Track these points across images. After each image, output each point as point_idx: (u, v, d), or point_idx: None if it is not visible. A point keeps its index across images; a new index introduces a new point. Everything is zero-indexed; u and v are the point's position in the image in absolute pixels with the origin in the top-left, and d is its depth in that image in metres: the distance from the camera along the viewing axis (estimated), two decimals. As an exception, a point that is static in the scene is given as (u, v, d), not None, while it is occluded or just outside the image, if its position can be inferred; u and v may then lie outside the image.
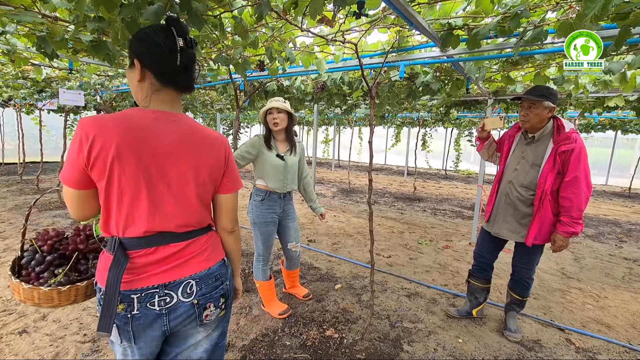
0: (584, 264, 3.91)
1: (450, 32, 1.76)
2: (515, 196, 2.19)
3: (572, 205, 1.98)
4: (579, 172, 1.96)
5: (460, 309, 2.63)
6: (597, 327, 2.58)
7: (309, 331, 2.38)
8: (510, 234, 2.24)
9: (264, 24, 1.72)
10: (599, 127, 8.74)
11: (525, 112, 2.08)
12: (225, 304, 1.08)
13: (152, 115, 0.91)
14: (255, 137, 2.37)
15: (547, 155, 2.04)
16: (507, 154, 2.30)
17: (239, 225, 1.43)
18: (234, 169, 1.07)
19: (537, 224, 2.09)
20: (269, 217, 2.40)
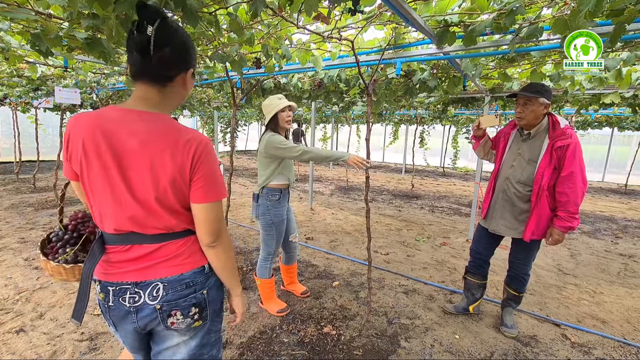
0: (580, 260, 3.94)
1: (446, 29, 1.76)
2: (513, 192, 2.20)
3: (569, 200, 2.00)
4: (575, 167, 1.99)
5: (457, 306, 2.65)
6: (592, 322, 2.61)
7: (307, 328, 2.39)
8: (507, 230, 2.25)
9: (259, 21, 1.72)
10: (596, 124, 8.77)
11: (521, 108, 2.09)
12: (200, 315, 0.99)
13: (117, 115, 0.90)
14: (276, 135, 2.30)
15: (544, 151, 2.06)
16: (503, 151, 2.30)
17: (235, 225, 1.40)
18: (206, 176, 0.92)
19: (534, 219, 2.11)
20: (284, 214, 2.46)
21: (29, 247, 3.69)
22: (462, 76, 2.87)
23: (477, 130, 2.33)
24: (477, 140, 2.39)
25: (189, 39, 0.96)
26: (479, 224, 2.49)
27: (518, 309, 2.68)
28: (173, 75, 0.93)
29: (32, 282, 2.90)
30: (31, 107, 6.83)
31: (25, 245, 3.72)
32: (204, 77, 3.17)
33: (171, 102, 0.98)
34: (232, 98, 2.90)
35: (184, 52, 0.93)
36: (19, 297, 2.66)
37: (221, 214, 0.97)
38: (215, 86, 3.78)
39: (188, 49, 0.95)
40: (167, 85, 0.93)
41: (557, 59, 2.37)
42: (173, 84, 0.94)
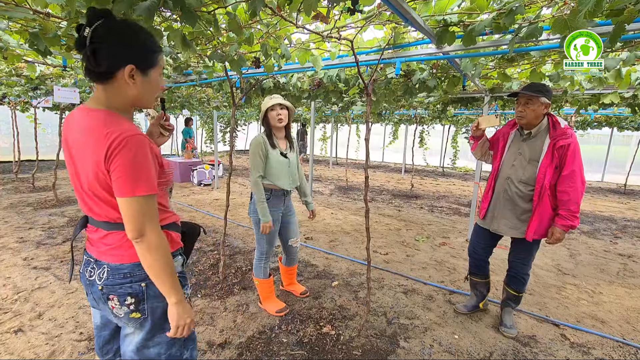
0: (579, 260, 3.94)
1: (445, 28, 1.75)
2: (514, 192, 2.20)
3: (570, 199, 2.02)
4: (575, 166, 2.02)
5: (467, 305, 2.65)
6: (591, 323, 2.61)
7: (306, 328, 2.38)
8: (509, 230, 2.25)
9: (258, 21, 1.71)
10: (595, 124, 8.78)
11: (522, 108, 2.10)
12: (137, 307, 1.01)
13: (77, 112, 1.01)
14: (258, 137, 2.31)
15: (545, 151, 2.07)
16: (503, 151, 2.30)
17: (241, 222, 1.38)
18: (120, 169, 0.91)
19: (537, 218, 2.12)
20: (274, 216, 2.39)
21: (28, 246, 3.68)
22: (461, 76, 2.87)
23: (476, 130, 2.31)
24: (476, 141, 2.38)
25: (133, 36, 0.97)
26: (477, 224, 2.49)
27: (517, 309, 2.68)
28: (110, 72, 0.95)
29: (31, 282, 2.89)
30: (30, 106, 6.82)
31: (24, 245, 3.72)
32: (203, 77, 3.17)
33: (118, 98, 0.99)
34: (232, 98, 2.89)
35: (120, 48, 0.94)
36: (18, 297, 2.65)
37: (146, 210, 0.94)
38: (215, 86, 3.77)
39: (127, 45, 0.96)
40: (109, 82, 0.96)
41: (556, 59, 2.37)
42: (115, 80, 0.96)
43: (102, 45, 0.92)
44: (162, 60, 1.06)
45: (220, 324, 2.40)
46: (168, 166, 1.11)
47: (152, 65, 1.01)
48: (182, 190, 7.41)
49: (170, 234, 1.11)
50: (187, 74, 3.42)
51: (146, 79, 1.00)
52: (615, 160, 11.79)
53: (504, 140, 2.31)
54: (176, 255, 1.12)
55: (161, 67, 1.06)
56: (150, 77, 1.01)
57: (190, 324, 1.05)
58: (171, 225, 1.13)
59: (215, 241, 4.09)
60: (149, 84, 1.01)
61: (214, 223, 4.89)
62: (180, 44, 1.47)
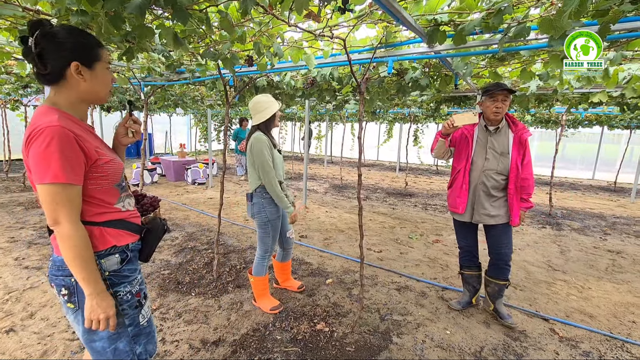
0: (570, 257, 4.01)
1: (436, 27, 1.77)
2: (492, 183, 2.35)
3: (530, 185, 2.33)
4: (530, 156, 2.34)
5: (461, 301, 2.70)
6: (580, 317, 2.66)
7: (300, 325, 2.40)
8: (489, 219, 2.37)
9: (250, 19, 1.72)
10: (586, 122, 8.90)
11: (500, 104, 2.24)
12: (70, 298, 1.08)
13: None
14: (261, 136, 2.33)
15: (511, 144, 2.31)
16: (471, 147, 2.39)
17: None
18: (32, 158, 0.98)
19: (517, 204, 2.34)
20: (279, 211, 2.46)
21: (19, 246, 3.64)
22: (453, 75, 2.90)
23: (449, 128, 2.23)
24: (446, 139, 2.39)
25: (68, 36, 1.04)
26: (456, 220, 2.56)
27: (508, 305, 2.73)
28: (57, 72, 1.03)
29: (22, 281, 2.87)
30: (21, 104, 6.72)
31: (15, 245, 3.68)
32: (196, 75, 3.16)
33: (67, 96, 1.07)
34: (225, 96, 2.89)
35: (60, 49, 1.02)
36: (9, 296, 2.63)
37: (59, 199, 0.99)
38: (208, 84, 3.76)
39: (65, 45, 1.03)
40: (61, 82, 1.05)
41: (546, 58, 2.41)
42: (66, 80, 1.05)
43: (44, 50, 1.01)
44: (105, 55, 1.12)
45: (214, 322, 2.41)
46: (110, 162, 1.13)
47: (95, 60, 1.08)
48: (176, 189, 7.37)
49: (105, 230, 1.12)
50: (180, 72, 3.40)
51: (93, 73, 1.08)
52: (606, 158, 11.98)
53: (470, 136, 2.39)
54: (112, 253, 1.13)
55: (106, 62, 1.12)
56: (96, 71, 1.09)
57: (105, 320, 1.05)
58: (113, 223, 1.15)
59: (209, 240, 4.09)
60: (96, 78, 1.09)
61: (208, 222, 4.88)
62: (172, 41, 1.47)
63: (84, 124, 1.14)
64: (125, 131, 1.33)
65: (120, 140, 1.33)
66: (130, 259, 1.19)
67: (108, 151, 1.18)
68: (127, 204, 1.23)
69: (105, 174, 1.12)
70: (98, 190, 1.11)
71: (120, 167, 1.20)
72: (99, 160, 1.09)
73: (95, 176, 1.09)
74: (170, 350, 2.10)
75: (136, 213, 1.29)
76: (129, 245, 1.19)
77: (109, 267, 1.12)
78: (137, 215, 1.29)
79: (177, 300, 2.70)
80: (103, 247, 1.11)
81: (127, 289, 1.16)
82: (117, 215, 1.17)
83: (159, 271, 3.20)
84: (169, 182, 8.17)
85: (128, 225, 1.20)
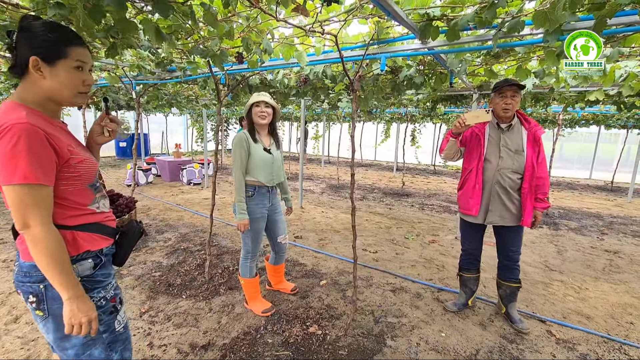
0: (567, 257, 3.97)
1: (429, 22, 1.73)
2: (508, 182, 2.26)
3: (545, 183, 2.25)
4: (544, 154, 2.26)
5: (457, 302, 2.65)
6: (577, 319, 2.62)
7: (292, 328, 2.35)
8: (502, 220, 2.30)
9: (236, 13, 1.66)
10: (583, 122, 8.89)
11: (509, 100, 2.17)
12: (39, 306, 1.02)
13: None
14: (240, 133, 2.31)
15: (525, 141, 2.23)
16: (483, 145, 2.31)
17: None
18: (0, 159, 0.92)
19: (530, 204, 2.25)
20: (258, 213, 2.36)
21: (8, 248, 3.57)
22: (448, 73, 2.85)
23: (461, 127, 2.18)
24: (457, 138, 2.33)
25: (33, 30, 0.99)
26: (466, 220, 2.47)
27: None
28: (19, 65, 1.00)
29: (9, 284, 2.80)
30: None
31: (4, 247, 3.61)
32: (188, 73, 3.10)
33: (31, 92, 1.01)
34: (217, 95, 2.83)
35: (24, 42, 0.99)
36: (-6, 300, 2.56)
37: (28, 201, 0.93)
38: (199, 82, 3.70)
39: (28, 39, 0.99)
40: (25, 76, 1.01)
41: (541, 55, 2.36)
42: (28, 74, 1.00)
43: (17, 43, 1.00)
44: (75, 53, 1.03)
45: (204, 325, 2.36)
46: (84, 162, 1.08)
47: (57, 57, 1.00)
48: (172, 189, 7.30)
49: (78, 234, 1.07)
50: (171, 71, 3.35)
51: (54, 70, 1.00)
52: (603, 158, 11.99)
53: (482, 134, 2.32)
54: (85, 258, 1.08)
55: (74, 60, 1.03)
56: (57, 69, 1.01)
57: (88, 323, 1.01)
58: (87, 226, 1.10)
59: (202, 241, 4.03)
60: (57, 77, 1.01)
61: (202, 222, 4.82)
62: (155, 36, 1.42)
63: (56, 121, 1.09)
64: (101, 130, 1.28)
65: (95, 139, 1.27)
66: (104, 264, 1.14)
67: (82, 150, 1.13)
68: (102, 205, 1.18)
69: (78, 174, 1.06)
70: (70, 191, 1.06)
71: (95, 167, 1.15)
72: (72, 160, 1.03)
73: (67, 176, 1.04)
74: (157, 355, 2.05)
75: (112, 215, 1.24)
76: (102, 250, 1.14)
77: (81, 272, 1.07)
78: (112, 218, 1.24)
79: (167, 302, 2.64)
80: (76, 253, 1.06)
81: (101, 294, 1.11)
82: (92, 217, 1.12)
83: (150, 273, 3.15)
84: (164, 183, 8.10)
85: (103, 228, 1.16)
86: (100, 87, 4.59)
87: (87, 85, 1.10)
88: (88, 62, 1.09)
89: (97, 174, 1.19)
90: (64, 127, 1.13)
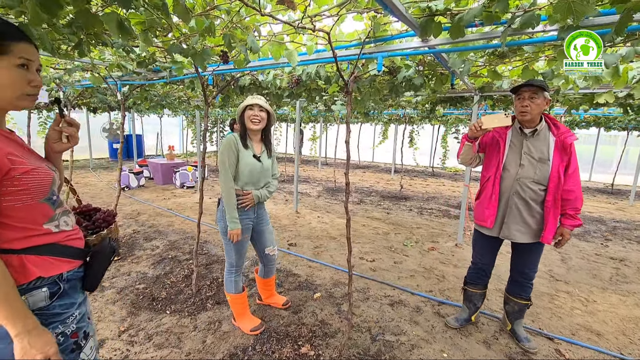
0: (571, 265, 3.82)
1: (430, 18, 1.56)
2: (529, 194, 2.05)
3: (577, 197, 1.99)
4: (576, 164, 2.00)
5: (459, 318, 2.48)
6: (586, 335, 2.46)
7: (282, 348, 2.17)
8: (521, 236, 2.09)
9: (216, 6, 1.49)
10: (583, 124, 8.77)
11: (526, 102, 1.96)
12: None
13: None
14: (230, 136, 2.14)
15: (552, 149, 2.00)
16: (503, 152, 2.12)
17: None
18: None
19: (553, 219, 2.02)
20: (243, 224, 2.18)
21: None
22: (449, 73, 2.69)
23: (478, 131, 2.01)
24: (473, 143, 2.16)
25: None
26: (480, 232, 2.29)
27: (509, 322, 2.52)
28: None
29: None
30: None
31: None
32: (173, 74, 2.92)
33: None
34: (204, 96, 2.66)
35: None
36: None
37: None
38: (186, 83, 3.52)
39: None
40: None
41: (550, 55, 2.20)
42: None
43: None
44: (17, 50, 0.90)
45: (187, 346, 2.18)
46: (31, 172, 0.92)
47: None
48: (164, 192, 7.11)
49: (27, 258, 0.91)
50: (157, 71, 3.17)
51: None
52: (602, 159, 11.87)
53: (502, 140, 2.13)
54: (37, 287, 0.92)
55: (17, 58, 0.89)
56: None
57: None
58: (38, 249, 0.94)
59: (192, 249, 3.84)
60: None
61: (193, 229, 4.63)
62: (116, 29, 1.24)
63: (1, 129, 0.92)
64: (59, 136, 1.10)
65: (52, 147, 1.10)
66: (64, 292, 0.97)
67: (31, 159, 0.95)
68: (62, 222, 1.01)
69: (24, 187, 0.90)
70: (18, 207, 0.89)
71: (48, 178, 0.97)
72: (13, 171, 0.87)
73: (10, 190, 0.87)
74: (133, 382, 1.87)
75: (76, 233, 1.06)
76: (62, 275, 0.97)
77: (33, 304, 0.90)
78: (78, 236, 1.07)
79: (149, 319, 2.46)
80: (25, 281, 0.89)
81: (58, 330, 0.94)
82: (46, 238, 0.95)
83: (133, 285, 2.96)
84: (157, 186, 7.89)
85: (63, 249, 0.99)
86: (86, 87, 4.40)
87: (34, 86, 0.95)
88: (35, 60, 0.94)
89: (54, 186, 1.02)
90: (9, 135, 0.96)
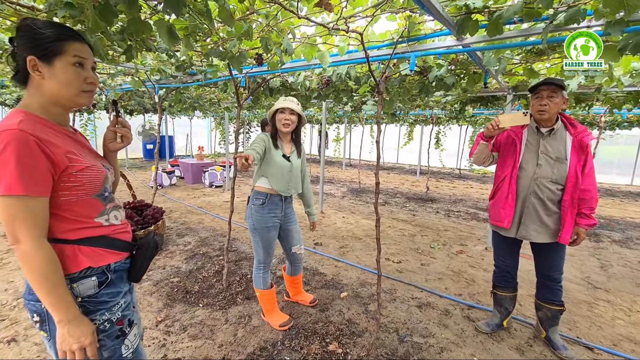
0: (612, 273, 3.61)
1: (467, 16, 1.54)
2: (547, 194, 2.03)
3: (593, 197, 2.00)
4: (592, 163, 2.01)
5: (490, 323, 2.43)
6: (630, 347, 2.33)
7: (311, 345, 2.21)
8: (538, 236, 2.06)
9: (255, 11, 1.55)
10: (625, 124, 8.25)
11: (545, 101, 1.94)
12: (42, 326, 0.96)
13: None
14: (262, 134, 2.24)
15: (569, 148, 2.00)
16: (520, 151, 2.09)
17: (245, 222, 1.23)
18: None
19: (570, 219, 2.01)
20: (270, 222, 2.25)
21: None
22: (483, 72, 2.63)
23: (494, 129, 1.99)
24: (489, 142, 2.13)
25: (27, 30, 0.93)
26: (498, 233, 2.26)
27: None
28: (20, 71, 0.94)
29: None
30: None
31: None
32: (208, 76, 3.04)
33: (35, 97, 0.96)
34: (236, 98, 2.75)
35: (19, 44, 0.93)
36: (17, 302, 2.58)
37: (16, 214, 0.86)
38: (220, 86, 3.65)
39: (22, 39, 0.93)
40: (29, 83, 0.95)
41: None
42: (31, 79, 0.95)
43: (17, 49, 0.94)
44: (72, 49, 0.96)
45: (220, 338, 2.26)
46: (86, 170, 0.98)
47: (54, 54, 0.93)
48: (194, 191, 7.37)
49: (80, 249, 0.98)
50: (192, 74, 3.31)
51: (52, 69, 0.93)
52: (646, 162, 11.09)
53: (518, 139, 2.10)
54: (87, 276, 0.99)
55: (72, 57, 0.96)
56: (56, 67, 0.93)
57: (80, 350, 0.92)
58: (90, 240, 1.01)
59: (222, 245, 3.97)
60: (55, 76, 0.94)
61: (222, 226, 4.78)
62: (167, 36, 1.32)
63: (61, 127, 1.01)
64: (114, 136, 1.20)
65: (108, 146, 1.20)
66: (111, 282, 1.04)
67: (88, 157, 1.04)
68: (112, 217, 1.09)
69: (80, 183, 0.97)
70: (74, 202, 0.97)
71: (101, 175, 1.05)
72: (70, 168, 0.95)
73: (67, 186, 0.95)
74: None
75: (125, 227, 1.14)
76: (110, 266, 1.05)
77: (82, 292, 0.97)
78: (126, 230, 1.14)
79: (183, 311, 2.57)
80: (76, 269, 0.96)
81: (105, 317, 1.01)
82: (98, 231, 1.03)
83: (168, 278, 3.10)
84: (187, 185, 8.20)
85: (112, 242, 1.06)
86: (126, 91, 4.66)
87: (90, 83, 1.02)
88: (89, 59, 1.02)
89: (106, 183, 1.10)
90: (72, 135, 1.05)
